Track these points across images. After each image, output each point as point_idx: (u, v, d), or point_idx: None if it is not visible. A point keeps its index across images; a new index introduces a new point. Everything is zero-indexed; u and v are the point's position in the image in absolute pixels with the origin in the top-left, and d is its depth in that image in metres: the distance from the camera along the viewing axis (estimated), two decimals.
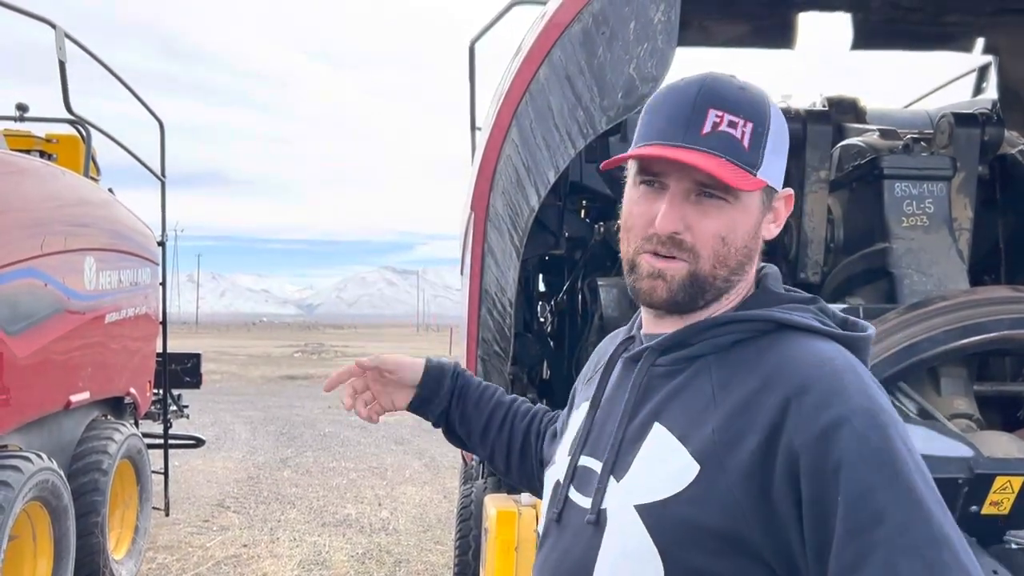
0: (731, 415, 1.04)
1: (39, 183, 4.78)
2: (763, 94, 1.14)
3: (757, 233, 1.15)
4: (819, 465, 0.97)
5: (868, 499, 0.95)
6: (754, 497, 1.00)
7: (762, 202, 1.14)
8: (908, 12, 3.29)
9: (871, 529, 0.94)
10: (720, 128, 1.09)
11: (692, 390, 1.10)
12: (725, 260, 1.12)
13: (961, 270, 3.01)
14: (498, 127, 2.77)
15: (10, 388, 4.26)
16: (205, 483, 9.14)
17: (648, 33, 2.51)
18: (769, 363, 1.06)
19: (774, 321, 1.10)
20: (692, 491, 1.03)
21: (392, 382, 1.61)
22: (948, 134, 3.15)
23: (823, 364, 1.03)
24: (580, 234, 4.05)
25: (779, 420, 1.00)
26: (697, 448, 1.05)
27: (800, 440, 0.99)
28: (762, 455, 1.00)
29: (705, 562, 1.03)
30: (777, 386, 1.03)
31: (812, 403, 1.00)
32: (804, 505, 0.98)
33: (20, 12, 5.02)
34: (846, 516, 0.95)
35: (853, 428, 0.97)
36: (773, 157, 1.12)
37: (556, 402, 4.25)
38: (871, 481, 0.95)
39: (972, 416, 2.64)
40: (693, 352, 1.13)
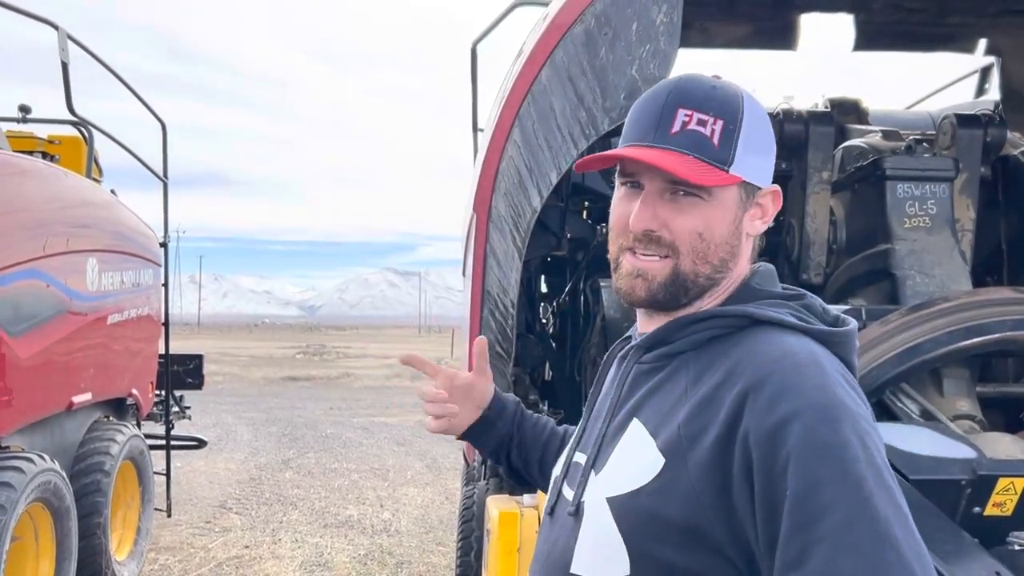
0: (695, 409, 1.05)
1: (41, 184, 4.78)
2: (736, 92, 1.15)
3: (738, 229, 1.15)
4: (770, 459, 0.97)
5: (814, 494, 0.94)
6: (714, 491, 1.01)
7: (740, 198, 1.15)
8: (910, 13, 3.29)
9: (815, 524, 0.94)
10: (689, 127, 1.11)
11: (669, 386, 1.12)
12: (705, 256, 1.13)
13: (963, 271, 3.01)
14: (500, 128, 2.77)
15: (12, 389, 4.27)
16: (207, 484, 9.14)
17: (650, 34, 2.51)
18: (734, 357, 1.07)
19: (748, 316, 1.11)
20: (656, 484, 1.05)
21: (458, 398, 1.54)
22: (951, 135, 3.14)
23: (784, 358, 1.03)
24: (582, 235, 4.05)
25: (737, 414, 1.01)
26: (664, 442, 1.07)
27: (754, 435, 0.99)
28: (721, 449, 1.01)
29: (668, 554, 1.04)
30: (738, 380, 1.03)
31: (767, 397, 1.00)
32: (756, 499, 0.98)
33: (23, 13, 5.03)
34: (792, 511, 0.95)
35: (803, 423, 0.97)
36: (748, 154, 1.13)
37: (558, 403, 4.26)
38: (818, 476, 0.95)
39: (975, 417, 2.63)
40: (673, 349, 1.15)
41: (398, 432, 13.64)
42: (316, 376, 25.51)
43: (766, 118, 1.18)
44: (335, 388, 22.15)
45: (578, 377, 4.12)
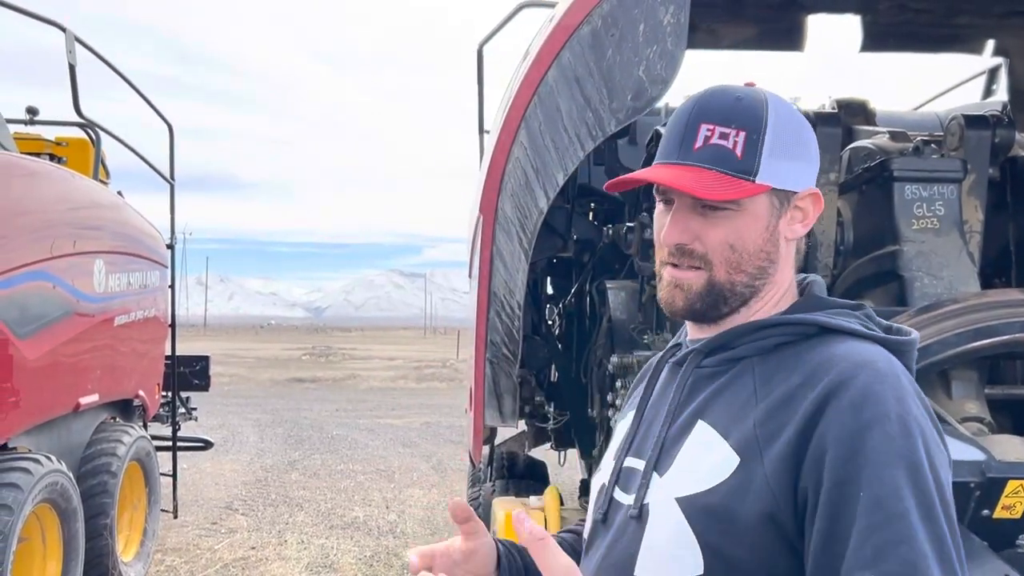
0: (772, 409, 1.07)
1: (49, 186, 4.80)
2: (761, 101, 1.16)
3: (773, 236, 1.17)
4: (846, 460, 1.00)
5: (892, 500, 0.98)
6: (787, 484, 1.04)
7: (772, 205, 1.16)
8: (917, 14, 3.28)
9: (890, 527, 0.97)
10: (711, 141, 1.13)
11: (735, 388, 1.14)
12: (739, 266, 1.15)
13: (972, 273, 2.99)
14: (507, 129, 2.77)
15: (20, 390, 4.28)
16: (213, 485, 9.16)
17: (657, 35, 2.50)
18: (812, 361, 1.09)
19: (818, 325, 1.13)
20: (731, 482, 1.07)
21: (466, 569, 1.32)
22: (958, 136, 3.13)
23: (866, 364, 1.06)
24: (588, 237, 4.05)
25: (817, 412, 1.04)
26: (738, 441, 1.08)
27: (832, 434, 1.02)
28: (796, 444, 1.04)
29: (740, 552, 1.05)
30: (819, 382, 1.06)
31: (849, 400, 1.02)
32: (823, 493, 1.01)
33: (31, 16, 5.05)
34: (867, 512, 0.98)
35: (885, 431, 1.01)
36: (777, 160, 1.14)
37: (564, 405, 4.26)
38: (897, 483, 0.99)
39: (983, 420, 2.62)
40: (736, 354, 1.16)
41: (404, 433, 13.64)
42: (322, 377, 25.54)
43: (799, 122, 1.18)
44: (341, 389, 22.17)
45: (584, 379, 4.12)
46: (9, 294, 4.17)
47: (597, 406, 3.76)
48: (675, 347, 1.31)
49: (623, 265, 3.93)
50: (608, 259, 4.07)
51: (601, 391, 3.67)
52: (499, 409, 3.06)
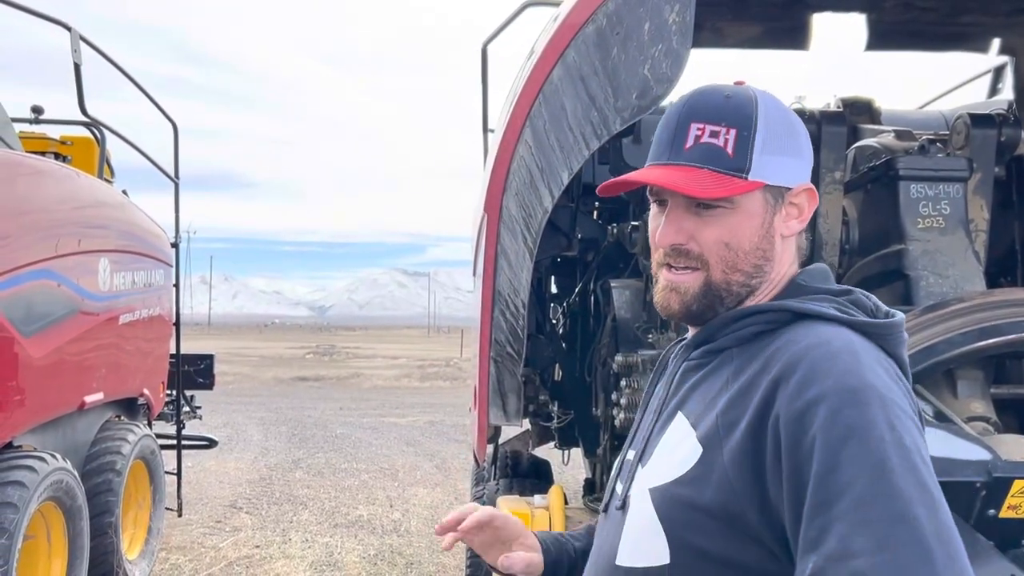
0: (733, 398, 1.07)
1: (54, 185, 4.81)
2: (751, 99, 1.15)
3: (768, 233, 1.16)
4: (797, 442, 0.98)
5: (834, 474, 0.95)
6: (748, 477, 1.02)
7: (767, 202, 1.16)
8: (923, 12, 3.27)
9: (834, 504, 0.94)
10: (702, 140, 1.13)
11: (712, 380, 1.14)
12: (735, 265, 1.15)
13: (977, 272, 2.98)
14: (511, 128, 2.76)
15: (25, 389, 4.29)
16: (218, 484, 9.17)
17: (663, 34, 2.50)
18: (772, 348, 1.08)
19: (789, 311, 1.12)
20: (693, 472, 1.07)
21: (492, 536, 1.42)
22: (964, 135, 3.12)
23: (819, 345, 1.04)
24: (593, 236, 4.05)
25: (769, 399, 1.03)
26: (703, 432, 1.08)
27: (784, 418, 1.00)
28: (753, 434, 1.03)
29: (705, 543, 1.05)
30: (773, 368, 1.05)
31: (797, 381, 1.01)
32: (784, 482, 0.99)
33: (36, 15, 5.06)
34: (814, 491, 0.96)
35: (829, 405, 0.98)
36: (769, 156, 1.13)
37: (568, 404, 4.26)
38: (840, 457, 0.95)
39: (989, 419, 2.61)
40: (718, 345, 1.16)
41: (408, 432, 13.65)
42: (326, 376, 25.56)
43: (790, 118, 1.18)
44: (345, 388, 22.19)
45: (588, 378, 4.11)
46: (14, 292, 4.18)
47: (601, 405, 3.76)
48: (681, 341, 1.32)
49: (627, 264, 3.93)
50: (612, 258, 4.06)
51: (605, 390, 3.66)
52: (503, 408, 3.06)
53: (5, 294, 4.09)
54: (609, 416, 3.51)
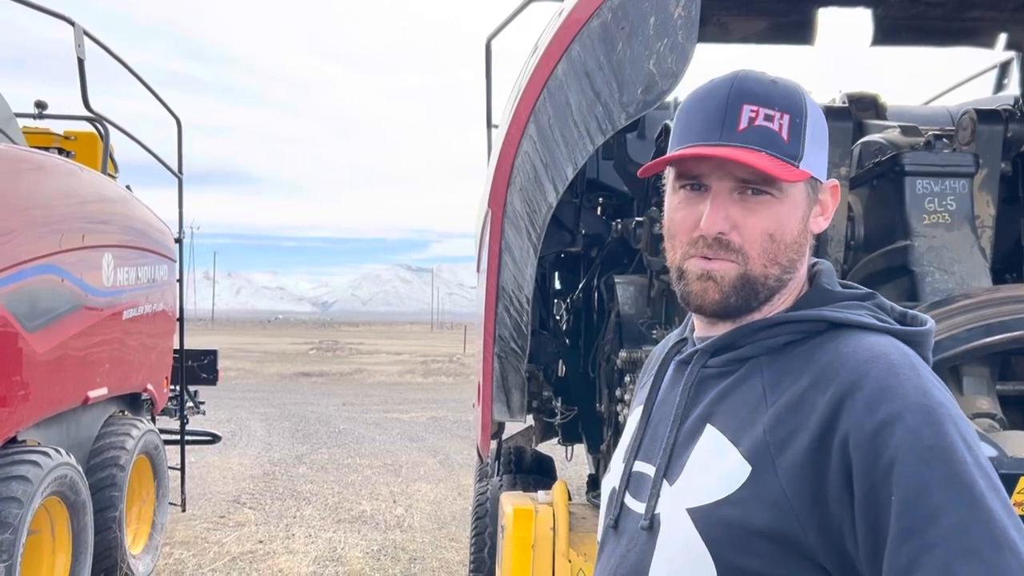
0: (782, 414, 1.02)
1: (58, 180, 4.81)
2: (796, 86, 1.13)
3: (806, 227, 1.13)
4: (872, 463, 0.94)
5: (923, 498, 0.92)
6: (807, 497, 0.98)
7: (808, 195, 1.12)
8: (929, 7, 3.25)
9: (926, 529, 0.91)
10: (757, 123, 1.07)
11: (743, 391, 1.09)
12: (775, 258, 1.10)
13: (983, 268, 2.97)
14: (516, 124, 2.76)
15: (29, 384, 4.29)
16: (221, 479, 9.18)
17: (668, 28, 2.49)
18: (821, 361, 1.04)
19: (827, 321, 1.08)
20: (743, 492, 1.02)
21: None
22: (970, 130, 3.11)
23: (877, 359, 1.00)
24: (597, 231, 4.04)
25: (832, 418, 0.98)
26: (748, 448, 1.03)
27: (854, 438, 0.96)
28: (814, 454, 0.98)
29: (757, 565, 1.01)
30: (830, 383, 1.00)
31: (865, 400, 0.97)
32: (857, 504, 0.95)
33: (40, 10, 5.06)
34: (900, 515, 0.92)
35: (907, 424, 0.94)
36: (814, 148, 1.10)
37: (572, 400, 4.26)
38: (926, 479, 0.92)
39: (995, 416, 2.61)
40: (744, 354, 1.11)
41: (411, 428, 13.66)
42: (329, 372, 25.59)
43: (822, 112, 1.16)
44: (348, 384, 22.20)
45: (592, 374, 4.11)
46: (18, 288, 4.18)
47: (605, 401, 3.76)
48: (680, 342, 1.26)
49: (631, 260, 3.92)
50: (616, 254, 4.06)
51: (609, 386, 3.66)
52: (507, 404, 3.06)
53: (9, 289, 4.10)
54: (613, 412, 3.51)
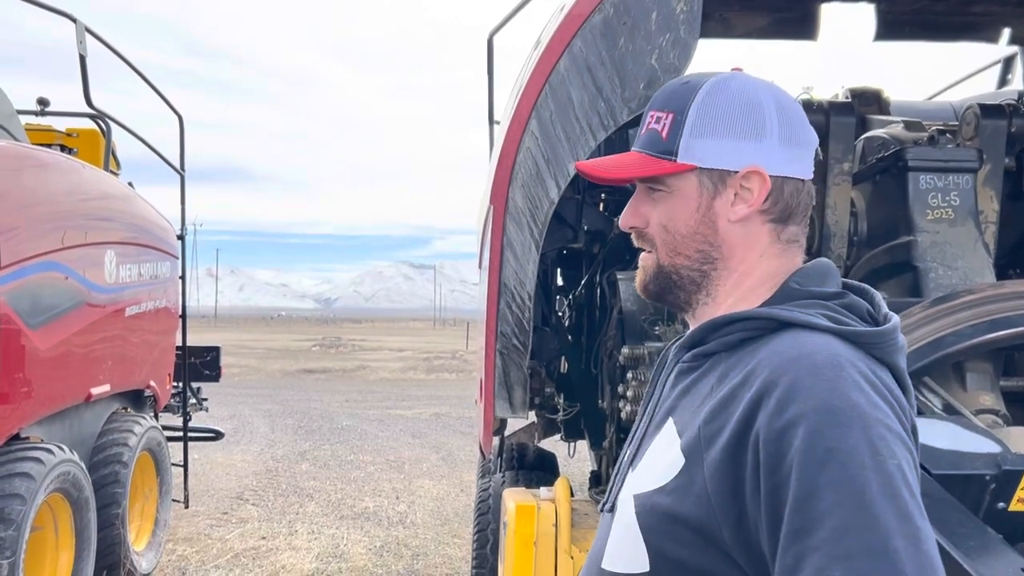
0: (715, 409, 1.03)
1: (60, 177, 4.81)
2: (701, 83, 1.14)
3: (707, 218, 1.13)
4: (777, 464, 0.95)
5: (813, 500, 0.92)
6: (725, 494, 0.99)
7: (703, 185, 1.13)
8: (933, 2, 3.25)
9: (812, 532, 0.91)
10: (650, 126, 1.16)
11: (700, 386, 1.11)
12: (676, 248, 1.15)
13: (987, 263, 2.97)
14: (517, 119, 2.75)
15: (32, 380, 4.30)
16: (224, 476, 9.20)
17: (670, 23, 2.48)
18: (756, 359, 1.04)
19: (777, 319, 1.07)
20: (675, 483, 1.04)
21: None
22: (974, 126, 3.10)
23: (801, 359, 1.00)
24: (599, 228, 4.03)
25: (750, 416, 0.98)
26: (686, 441, 1.05)
27: (763, 437, 0.96)
28: (733, 451, 0.99)
29: (682, 553, 1.03)
30: (755, 381, 1.00)
31: (777, 399, 0.97)
32: (762, 503, 0.96)
33: (41, 7, 5.06)
34: (791, 517, 0.92)
35: (809, 426, 0.94)
36: (701, 139, 1.12)
37: (574, 396, 4.25)
38: (818, 482, 0.92)
39: (998, 412, 2.60)
40: (707, 349, 1.13)
41: (414, 424, 13.67)
42: (332, 368, 25.61)
43: (751, 100, 1.12)
44: (351, 380, 22.22)
45: (594, 370, 4.10)
46: (21, 284, 4.19)
47: (607, 397, 3.75)
48: (681, 337, 1.28)
49: (633, 256, 3.92)
50: (618, 250, 4.05)
51: (611, 382, 3.65)
52: (509, 400, 3.06)
53: (12, 286, 4.10)
54: (615, 408, 3.50)
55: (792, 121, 1.13)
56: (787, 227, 1.15)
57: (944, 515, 2.07)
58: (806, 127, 1.15)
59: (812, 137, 1.16)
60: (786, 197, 1.13)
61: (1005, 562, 2.05)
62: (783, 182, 1.13)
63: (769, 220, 1.14)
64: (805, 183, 1.15)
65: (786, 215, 1.14)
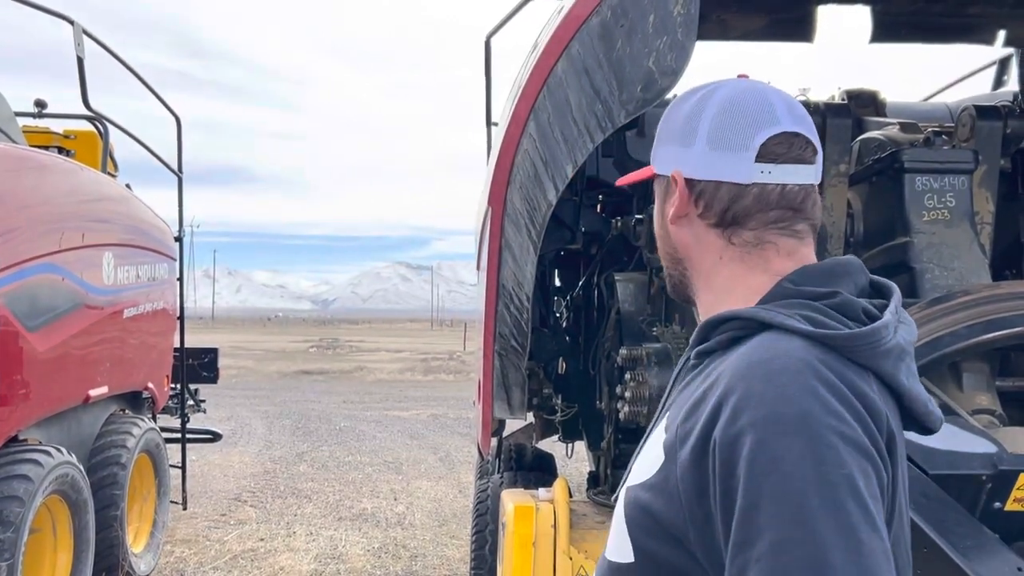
0: (689, 410, 1.04)
1: (58, 179, 4.81)
2: (682, 95, 1.20)
3: (663, 220, 1.20)
4: (728, 472, 0.94)
5: (754, 512, 0.91)
6: (692, 495, 0.99)
7: (660, 190, 1.21)
8: (929, 4, 3.25)
9: (752, 544, 0.90)
10: None
11: (693, 384, 1.11)
12: (659, 249, 1.25)
13: (983, 264, 2.98)
14: (515, 121, 2.76)
15: (30, 383, 4.30)
16: (222, 477, 9.19)
17: (667, 26, 2.49)
18: (728, 360, 1.04)
19: (756, 319, 1.06)
20: (654, 479, 1.05)
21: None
22: (970, 127, 3.11)
23: (759, 364, 0.99)
24: (596, 229, 4.04)
25: (712, 420, 0.98)
26: (668, 439, 1.06)
27: (719, 444, 0.96)
28: (699, 454, 0.99)
29: (656, 547, 1.04)
30: (720, 384, 1.00)
31: (732, 406, 0.96)
32: (718, 509, 0.96)
33: (39, 9, 5.06)
34: (736, 528, 0.92)
35: (756, 435, 0.93)
36: (661, 147, 1.20)
37: (572, 397, 4.26)
38: (760, 493, 0.91)
39: (994, 412, 2.61)
40: (707, 348, 1.13)
41: (411, 426, 13.67)
42: (329, 370, 25.59)
43: (688, 107, 1.14)
44: (348, 382, 22.21)
45: (592, 371, 4.11)
46: (19, 287, 4.19)
47: (605, 398, 3.76)
48: None
49: (631, 257, 3.93)
50: (616, 251, 4.06)
51: (609, 383, 3.66)
52: (508, 401, 3.06)
53: (10, 288, 4.10)
54: (613, 409, 3.51)
55: (730, 126, 1.11)
56: (738, 231, 1.12)
57: (941, 515, 2.08)
58: (748, 131, 1.10)
59: (752, 141, 1.10)
60: (721, 201, 1.12)
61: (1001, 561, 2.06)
62: (714, 186, 1.11)
63: (711, 225, 1.14)
64: (748, 187, 1.11)
65: (730, 219, 1.12)
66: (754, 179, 1.11)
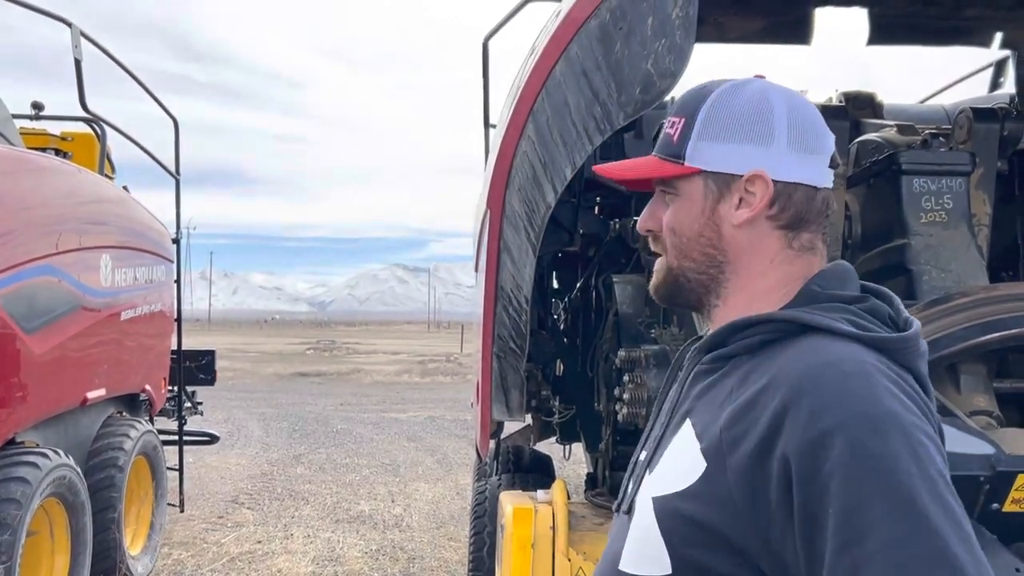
0: (737, 413, 1.02)
1: (55, 181, 4.80)
2: (709, 88, 1.16)
3: (711, 221, 1.14)
4: (812, 474, 0.93)
5: (861, 510, 0.90)
6: (750, 502, 0.98)
7: (708, 189, 1.14)
8: (926, 6, 3.26)
9: (864, 541, 0.89)
10: (665, 130, 1.19)
11: (719, 388, 1.10)
12: (683, 251, 1.16)
13: (980, 266, 2.99)
14: (514, 124, 2.76)
15: (27, 385, 4.29)
16: (219, 479, 9.18)
17: (666, 28, 2.49)
18: (779, 363, 1.03)
19: (798, 322, 1.06)
20: (696, 488, 1.03)
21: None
22: (967, 129, 3.12)
23: (829, 367, 0.98)
24: (595, 231, 4.04)
25: (777, 424, 0.97)
26: (707, 445, 1.04)
27: (795, 447, 0.95)
28: (759, 458, 0.98)
29: (703, 557, 1.02)
30: (779, 388, 0.99)
31: (809, 408, 0.95)
32: (796, 514, 0.94)
33: (37, 11, 5.05)
34: (839, 528, 0.91)
35: (848, 435, 0.92)
36: (709, 142, 1.13)
37: (570, 399, 4.26)
38: (865, 490, 0.90)
39: (992, 413, 2.61)
40: (727, 352, 1.11)
41: (409, 428, 13.66)
42: (326, 372, 25.57)
43: (755, 106, 1.12)
44: (345, 384, 22.19)
45: (590, 373, 4.11)
46: (16, 289, 4.18)
47: (603, 400, 3.76)
48: (697, 339, 1.27)
49: (629, 259, 3.93)
50: (614, 253, 4.06)
51: (607, 385, 3.67)
52: (506, 403, 3.06)
53: (7, 290, 4.09)
54: (611, 411, 3.51)
55: (804, 128, 1.12)
56: (800, 234, 1.13)
57: None
58: (820, 135, 1.13)
59: (826, 145, 1.14)
60: (796, 204, 1.12)
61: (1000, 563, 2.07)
62: (792, 188, 1.12)
63: (778, 226, 1.13)
64: (819, 190, 1.13)
65: (797, 222, 1.13)
66: (826, 183, 1.14)
